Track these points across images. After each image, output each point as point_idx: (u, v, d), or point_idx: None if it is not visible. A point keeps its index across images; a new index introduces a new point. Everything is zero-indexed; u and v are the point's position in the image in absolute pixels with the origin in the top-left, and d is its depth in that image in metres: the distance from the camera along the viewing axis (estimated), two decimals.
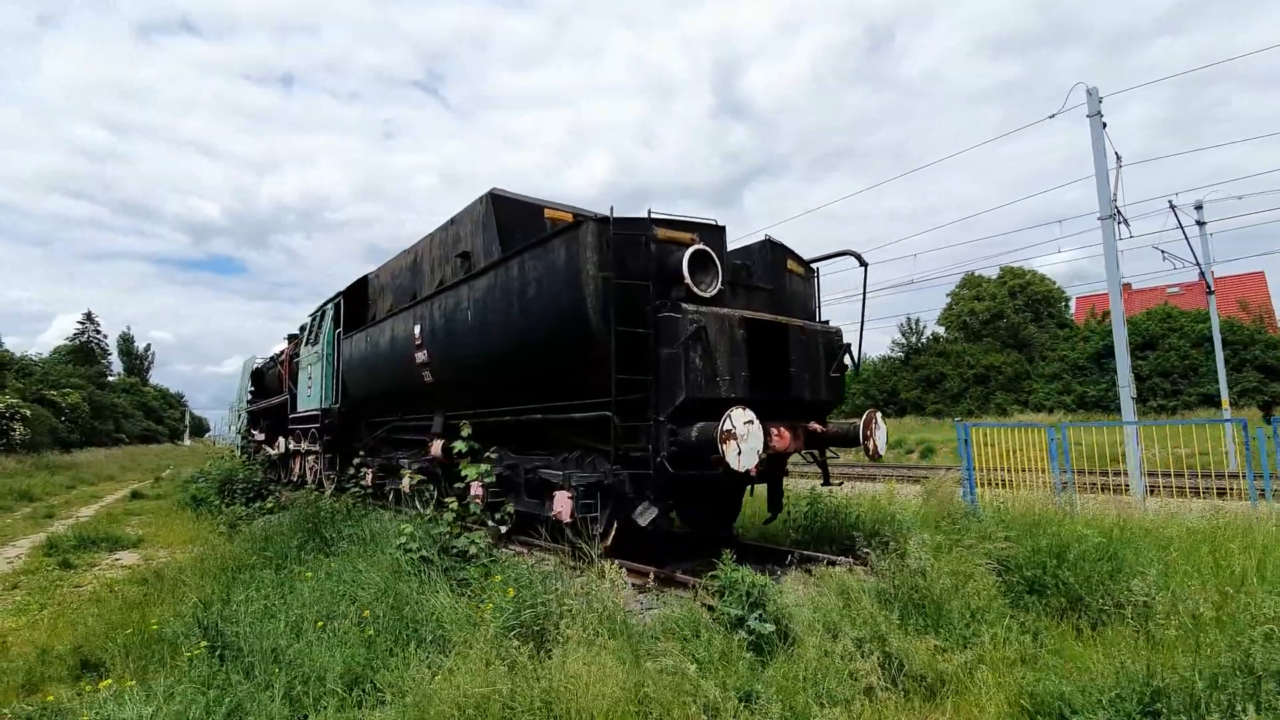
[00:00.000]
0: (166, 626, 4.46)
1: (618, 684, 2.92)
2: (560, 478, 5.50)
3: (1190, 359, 26.93)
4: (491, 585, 4.19)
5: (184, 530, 10.32)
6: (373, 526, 6.30)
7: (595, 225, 4.72)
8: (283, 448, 14.30)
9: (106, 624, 4.84)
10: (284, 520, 7.15)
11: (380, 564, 4.77)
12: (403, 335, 7.74)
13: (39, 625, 5.69)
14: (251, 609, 4.37)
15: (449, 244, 7.89)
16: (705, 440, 4.37)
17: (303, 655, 3.61)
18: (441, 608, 3.98)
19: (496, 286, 5.78)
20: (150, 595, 5.55)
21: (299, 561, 5.51)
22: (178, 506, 12.85)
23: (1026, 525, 5.47)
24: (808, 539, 6.68)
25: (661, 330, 4.64)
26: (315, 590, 4.50)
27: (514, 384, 5.91)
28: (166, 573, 6.55)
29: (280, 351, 16.93)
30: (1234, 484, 10.14)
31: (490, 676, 3.05)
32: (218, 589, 5.09)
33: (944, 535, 4.88)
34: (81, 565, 8.39)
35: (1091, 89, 11.32)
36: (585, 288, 4.69)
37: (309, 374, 11.47)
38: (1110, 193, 11.16)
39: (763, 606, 3.64)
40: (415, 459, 8.49)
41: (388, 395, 8.69)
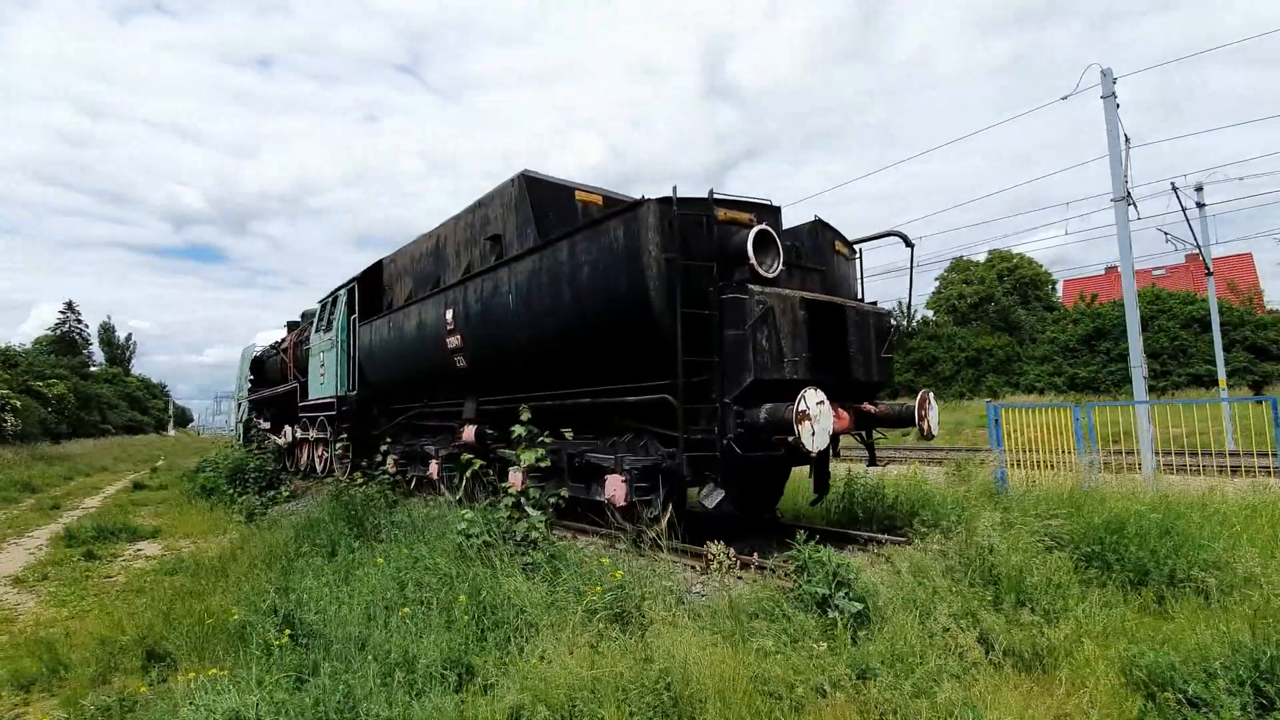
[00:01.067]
0: (231, 616, 4.40)
1: (727, 663, 2.92)
2: (611, 461, 5.47)
3: (1180, 340, 27.40)
4: (567, 569, 4.18)
5: (200, 520, 10.19)
6: (416, 514, 6.25)
7: (657, 205, 4.66)
8: (289, 436, 14.13)
9: (163, 614, 4.77)
10: (319, 508, 7.06)
11: (443, 550, 4.73)
12: (432, 320, 7.63)
13: (84, 616, 5.60)
14: (317, 597, 4.33)
15: (476, 227, 7.77)
16: (775, 421, 4.36)
17: (387, 642, 3.57)
18: (521, 592, 3.96)
19: (543, 269, 5.70)
20: (201, 585, 5.47)
21: (349, 549, 5.45)
22: (186, 496, 12.67)
23: (1070, 503, 5.55)
24: (845, 520, 6.73)
25: (726, 312, 4.61)
26: (381, 577, 4.45)
27: (560, 368, 5.85)
28: (206, 561, 6.46)
29: (282, 339, 16.68)
30: (1241, 461, 10.37)
31: (599, 658, 3.04)
32: (272, 578, 5.03)
33: (1002, 512, 4.93)
34: (105, 556, 8.27)
35: (1105, 70, 11.36)
36: (647, 269, 4.64)
37: (321, 361, 11.30)
38: (1123, 175, 11.25)
39: (848, 585, 3.66)
40: (442, 445, 8.43)
41: (412, 381, 8.59)
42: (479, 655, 3.37)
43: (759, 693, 2.75)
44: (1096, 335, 30.05)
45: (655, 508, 5.33)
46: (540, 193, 7.07)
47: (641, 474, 5.25)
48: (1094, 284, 39.43)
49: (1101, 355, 29.25)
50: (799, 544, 4.09)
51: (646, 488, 5.27)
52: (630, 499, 5.24)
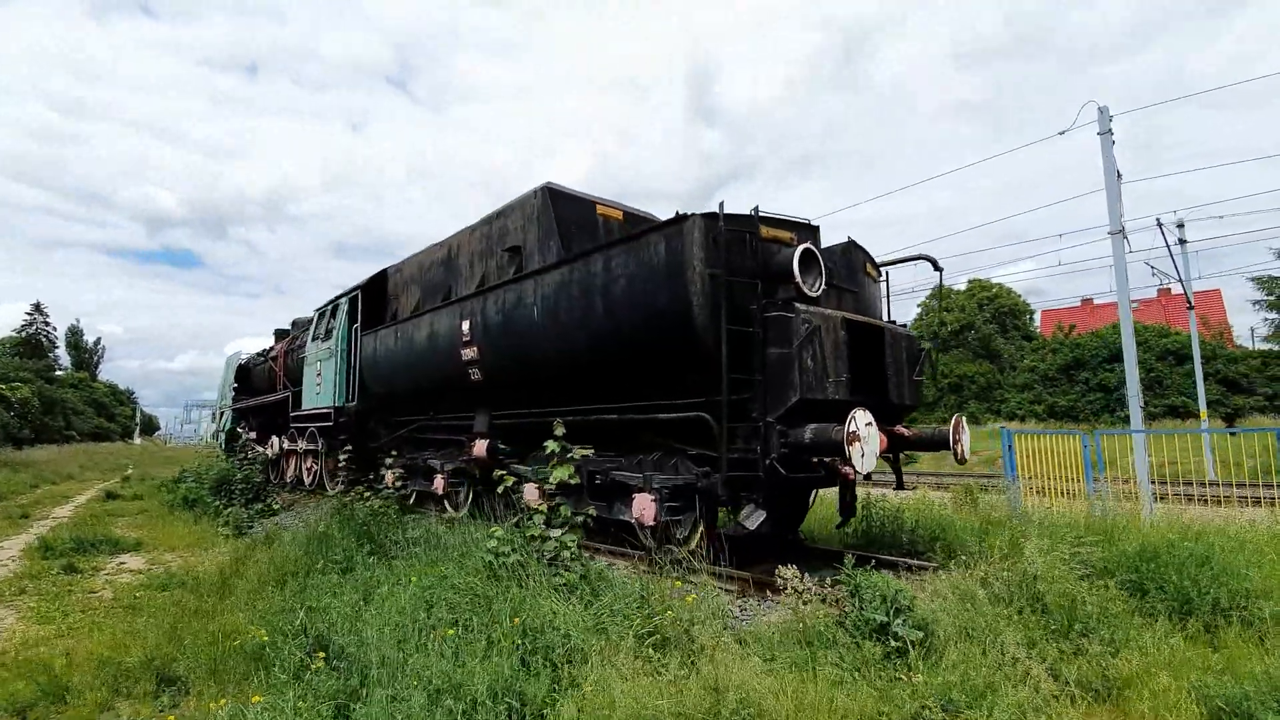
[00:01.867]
0: (249, 636, 4.17)
1: (804, 693, 2.81)
2: (639, 480, 5.35)
3: (1156, 371, 28.11)
4: (609, 590, 4.03)
5: (185, 533, 9.78)
6: (433, 530, 6.04)
7: (702, 221, 4.61)
8: (277, 447, 13.72)
9: (169, 634, 4.50)
10: (322, 522, 6.80)
11: (472, 569, 4.55)
12: (446, 331, 7.47)
13: (74, 634, 5.28)
14: (341, 617, 4.12)
15: (493, 238, 7.67)
16: (821, 442, 4.29)
17: (427, 667, 3.39)
18: (560, 614, 3.81)
19: (574, 282, 5.60)
20: (204, 603, 5.19)
21: (365, 566, 5.22)
22: (166, 507, 12.19)
23: (1090, 530, 5.55)
24: (863, 543, 6.67)
25: (770, 329, 4.55)
26: (409, 597, 4.26)
27: (587, 383, 5.74)
28: (203, 577, 6.15)
29: (270, 347, 16.28)
30: (1234, 491, 10.56)
31: (664, 688, 2.91)
32: (286, 596, 4.79)
33: (1035, 539, 4.90)
34: (86, 569, 7.86)
35: (1103, 107, 11.69)
36: (690, 285, 4.57)
37: (317, 370, 11.02)
38: (1119, 209, 11.54)
39: (905, 612, 3.57)
40: (448, 459, 8.22)
41: (419, 393, 8.39)
42: (527, 683, 3.21)
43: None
44: (1075, 365, 30.72)
45: (685, 528, 5.22)
46: (563, 205, 7.00)
47: (673, 493, 5.14)
48: (1071, 315, 40.37)
49: (1080, 385, 29.89)
50: (847, 567, 4.00)
51: (678, 507, 5.15)
52: (660, 518, 5.11)
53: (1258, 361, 27.43)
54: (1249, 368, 27.12)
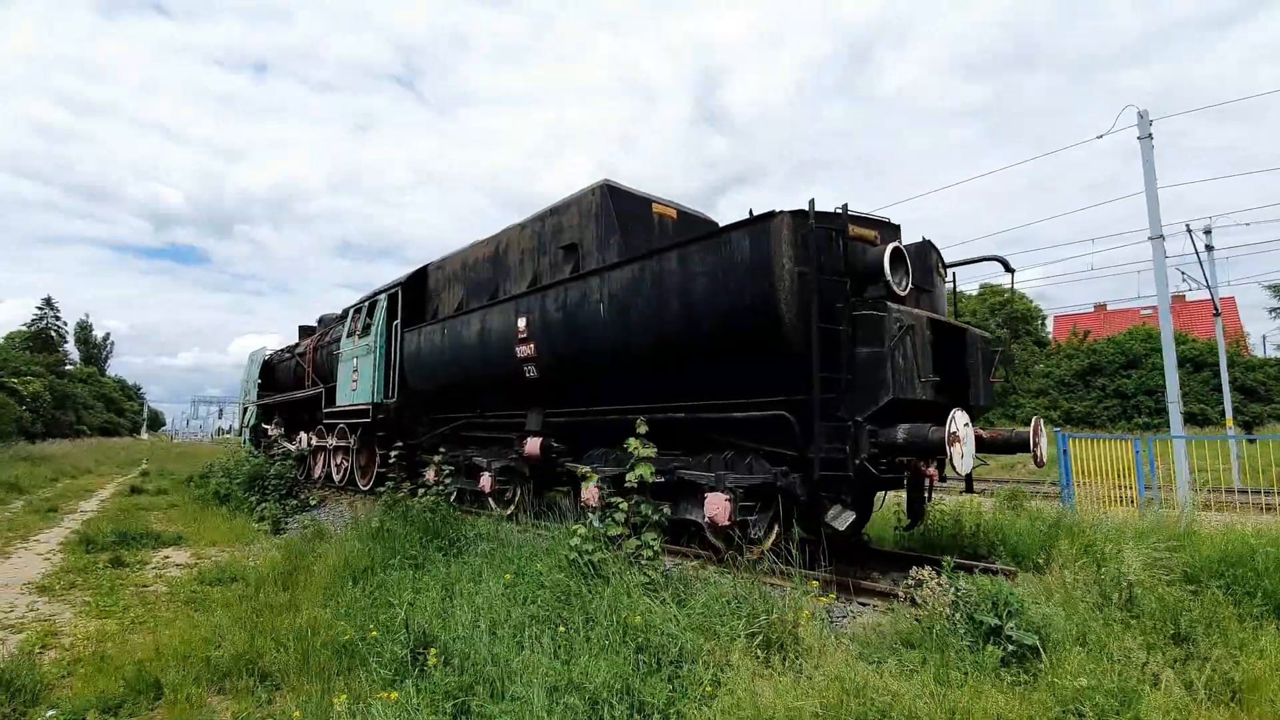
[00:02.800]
0: (331, 631, 4.13)
1: (951, 698, 2.76)
2: (711, 479, 5.30)
3: None
4: (705, 589, 3.99)
5: (222, 528, 9.75)
6: (495, 528, 6.00)
7: (790, 218, 4.57)
8: (305, 443, 13.70)
9: (250, 629, 4.46)
10: (376, 518, 6.75)
11: (557, 566, 4.51)
12: (499, 328, 7.43)
13: (139, 629, 5.24)
14: (431, 614, 4.08)
15: (546, 235, 7.63)
16: (915, 442, 4.25)
17: (538, 665, 3.34)
18: (655, 611, 3.76)
19: (645, 280, 5.56)
20: (274, 598, 5.15)
21: (441, 563, 5.18)
22: (196, 502, 12.16)
23: (1159, 535, 5.49)
24: (922, 547, 6.60)
25: (859, 328, 4.51)
26: (498, 593, 4.21)
27: (655, 382, 5.69)
28: (263, 572, 6.11)
29: (296, 343, 16.26)
30: (1252, 499, 10.46)
31: (803, 688, 2.86)
32: (362, 593, 4.75)
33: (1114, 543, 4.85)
34: (133, 563, 7.83)
35: (1142, 112, 11.65)
36: (779, 282, 4.53)
37: (353, 367, 10.98)
38: (1158, 214, 11.49)
39: (1018, 616, 3.52)
40: (495, 457, 8.17)
41: (466, 391, 8.35)
42: (644, 681, 3.16)
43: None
44: (1091, 371, 30.61)
45: (760, 528, 5.17)
46: (621, 203, 6.97)
47: (748, 492, 5.09)
48: (1085, 320, 40.28)
49: (1096, 391, 29.78)
50: (946, 569, 3.96)
51: (751, 507, 5.11)
52: (734, 518, 5.07)
53: (1275, 369, 27.32)
54: (1266, 375, 27.01)
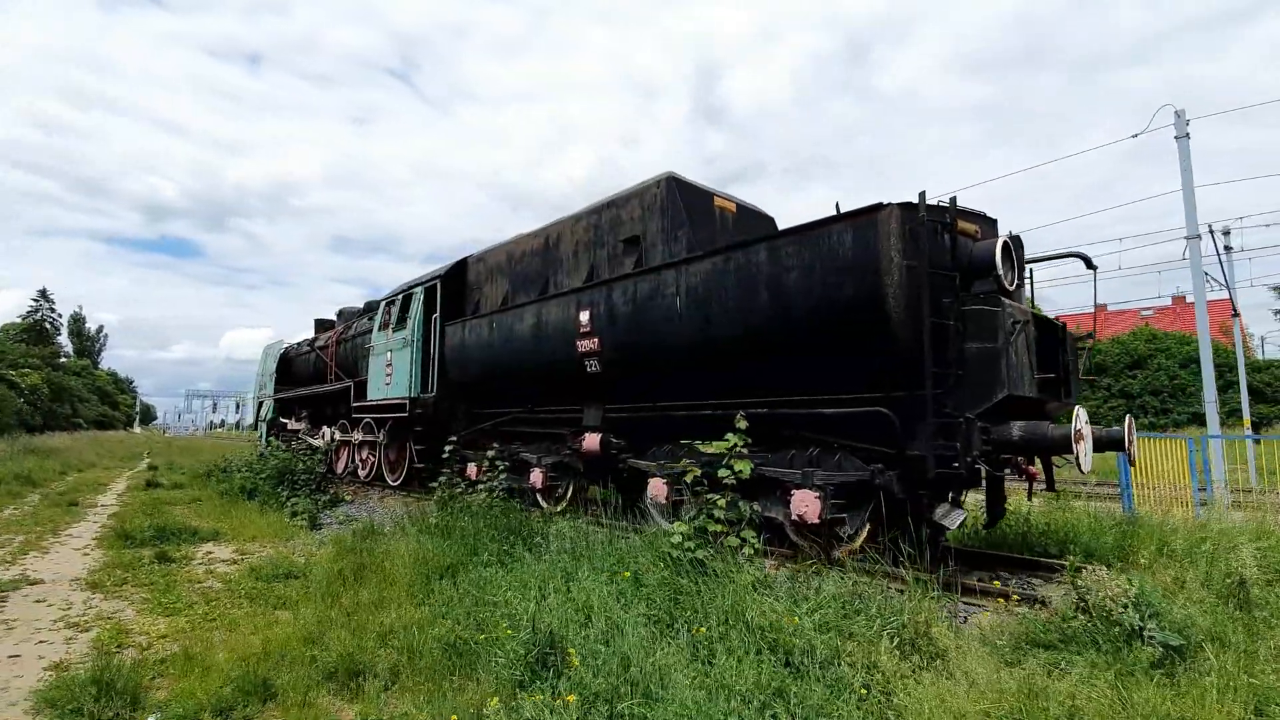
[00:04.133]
0: (433, 630, 4.01)
1: (1107, 700, 2.69)
2: (797, 476, 5.22)
3: (1180, 379, 28.22)
4: (830, 586, 3.90)
5: (258, 523, 9.58)
6: (563, 526, 5.88)
7: (899, 211, 4.48)
8: (329, 438, 13.52)
9: (349, 628, 4.34)
10: (438, 514, 6.62)
11: (655, 565, 4.41)
12: (558, 321, 7.31)
13: (212, 626, 5.10)
14: (532, 613, 3.97)
15: (604, 228, 7.51)
16: (1033, 439, 4.18)
17: (674, 666, 3.25)
18: (777, 611, 3.67)
19: (730, 273, 5.46)
20: (354, 596, 5.01)
21: (527, 561, 5.07)
22: (220, 497, 11.97)
23: (1247, 534, 5.46)
24: (988, 547, 6.55)
25: (970, 323, 4.43)
26: (607, 593, 4.11)
27: (738, 376, 5.60)
28: (331, 569, 5.97)
29: (315, 336, 16.05)
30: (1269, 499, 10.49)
31: (969, 693, 2.78)
32: (456, 591, 4.62)
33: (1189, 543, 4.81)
34: (179, 559, 7.67)
35: (1179, 111, 11.65)
36: (886, 276, 4.44)
37: (387, 360, 10.82)
38: (1195, 214, 11.50)
39: (1158, 616, 3.46)
40: (546, 453, 8.06)
41: (515, 385, 8.22)
42: (797, 685, 3.07)
43: None
44: (1096, 371, 30.81)
45: (853, 526, 5.09)
46: (686, 195, 6.87)
47: (837, 490, 5.01)
48: (1088, 321, 40.46)
49: (1103, 391, 29.99)
50: (1070, 569, 3.89)
51: (842, 505, 5.03)
52: (825, 516, 4.98)
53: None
54: (1272, 376, 27.27)
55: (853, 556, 5.10)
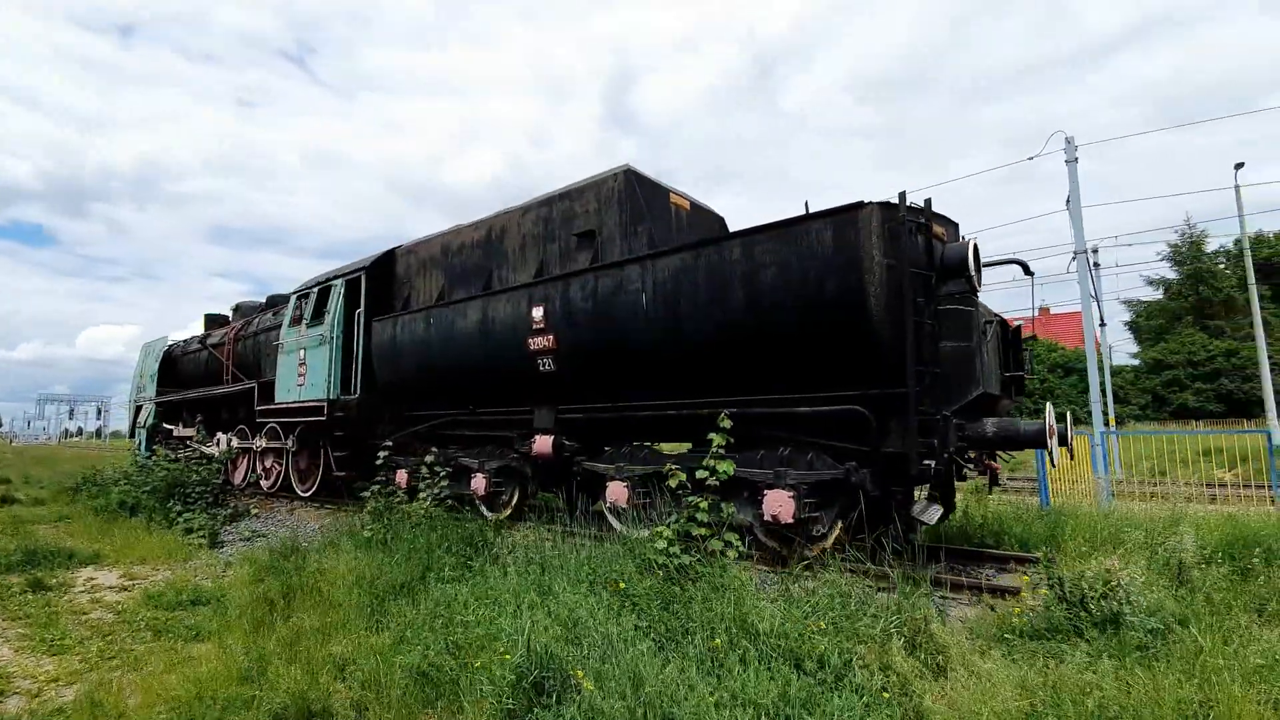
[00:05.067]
0: (399, 657, 3.58)
1: (1138, 687, 2.76)
2: (769, 476, 5.16)
3: (1049, 382, 31.27)
4: (827, 588, 3.82)
5: (146, 542, 8.44)
6: (521, 537, 5.52)
7: (880, 210, 4.51)
8: (224, 445, 12.21)
9: (297, 662, 3.79)
10: (375, 529, 6.03)
11: (637, 573, 4.18)
12: (506, 318, 6.90)
13: (112, 666, 4.36)
14: (543, 634, 3.64)
15: (555, 221, 7.20)
16: (1007, 435, 4.31)
17: (685, 682, 3.05)
18: (778, 618, 3.56)
19: (699, 269, 5.33)
20: (299, 623, 4.42)
21: (489, 576, 4.66)
22: (95, 513, 10.48)
23: (1160, 523, 5.99)
24: (930, 542, 6.81)
25: (945, 322, 4.53)
26: (593, 606, 3.83)
27: (707, 375, 5.47)
28: (245, 594, 5.27)
29: (204, 334, 14.50)
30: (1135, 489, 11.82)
31: (1001, 693, 2.76)
32: (418, 612, 4.16)
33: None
34: (56, 586, 6.61)
35: (1070, 137, 12.79)
36: (867, 274, 4.46)
37: (299, 359, 9.88)
38: (1083, 231, 12.67)
39: (1131, 603, 3.64)
40: (490, 457, 7.60)
41: (456, 386, 7.71)
42: (824, 694, 2.95)
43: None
44: None
45: (824, 525, 5.09)
46: (644, 190, 6.70)
47: (811, 489, 5.00)
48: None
49: None
50: (1044, 561, 4.05)
51: (815, 504, 5.02)
52: (798, 516, 4.95)
53: (1130, 374, 31.21)
54: (1124, 380, 30.80)
55: (825, 555, 5.12)
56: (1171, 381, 29.55)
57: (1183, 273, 33.50)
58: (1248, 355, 29.64)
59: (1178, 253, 33.40)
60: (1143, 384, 30.70)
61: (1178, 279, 33.84)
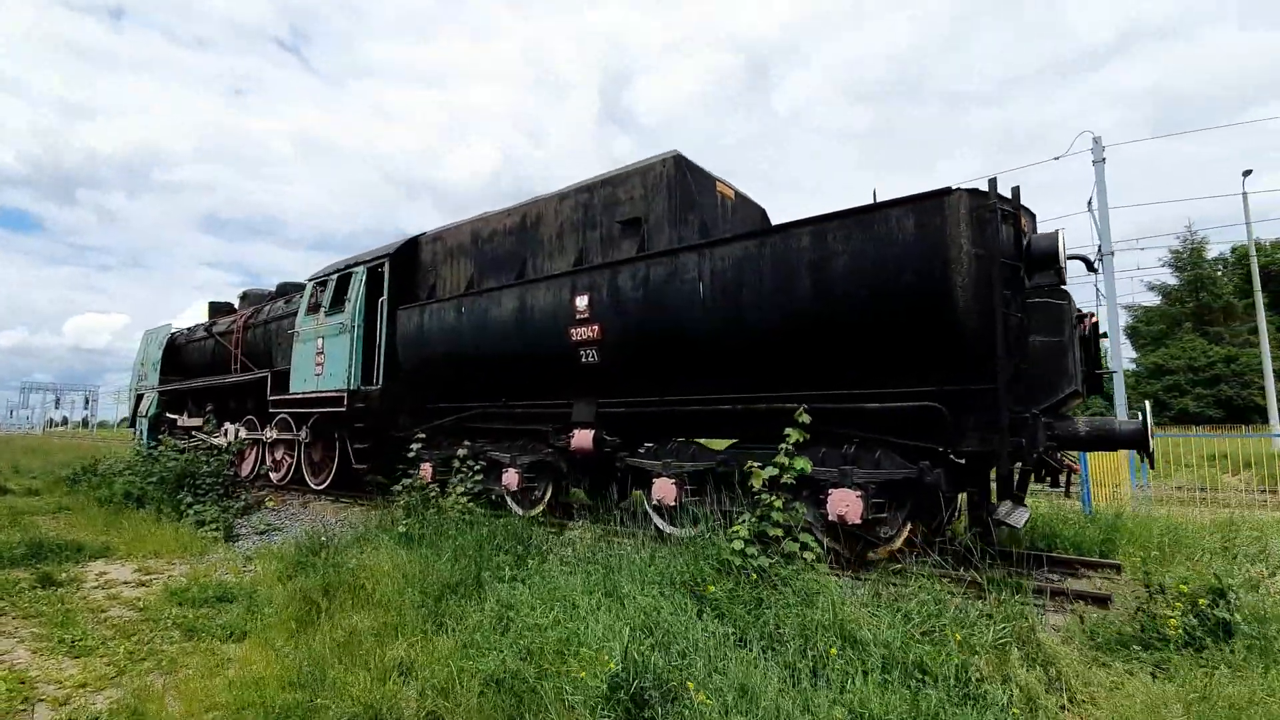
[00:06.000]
0: (492, 664, 3.33)
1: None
2: (834, 475, 4.94)
3: None
4: (924, 593, 3.60)
5: (158, 535, 8.12)
6: (574, 536, 5.27)
7: (969, 196, 4.29)
8: (232, 435, 11.86)
9: (360, 667, 3.52)
10: (411, 525, 5.75)
11: (708, 574, 3.95)
12: (546, 307, 6.64)
13: (143, 669, 4.07)
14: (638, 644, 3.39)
15: (597, 208, 6.94)
16: (1101, 435, 4.12)
17: (790, 698, 2.82)
18: (880, 627, 3.34)
19: (764, 257, 5.10)
20: (348, 623, 4.15)
21: (558, 576, 4.41)
22: (98, 504, 10.11)
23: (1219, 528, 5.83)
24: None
25: (1034, 315, 4.33)
26: (668, 609, 3.59)
27: (772, 370, 5.24)
28: (288, 591, 4.99)
29: (211, 321, 14.13)
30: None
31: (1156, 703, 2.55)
32: (484, 615, 3.90)
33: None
34: (66, 581, 6.29)
35: (1097, 137, 12.66)
36: (954, 264, 4.24)
37: (316, 348, 9.57)
38: (1109, 232, 12.54)
39: (1239, 608, 3.45)
40: (522, 451, 7.34)
41: (490, 378, 7.43)
42: (956, 713, 2.73)
43: None
44: None
45: (892, 526, 4.87)
46: (694, 177, 6.46)
47: (881, 488, 4.78)
48: None
49: None
50: (1143, 567, 3.85)
51: (883, 504, 4.80)
52: (865, 516, 4.73)
53: (1131, 379, 31.30)
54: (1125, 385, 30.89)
55: (891, 558, 4.91)
56: (1172, 387, 29.66)
57: (1183, 279, 33.67)
58: (1246, 361, 29.81)
59: (1178, 258, 33.54)
60: (1143, 388, 30.78)
61: (1178, 284, 34.01)
